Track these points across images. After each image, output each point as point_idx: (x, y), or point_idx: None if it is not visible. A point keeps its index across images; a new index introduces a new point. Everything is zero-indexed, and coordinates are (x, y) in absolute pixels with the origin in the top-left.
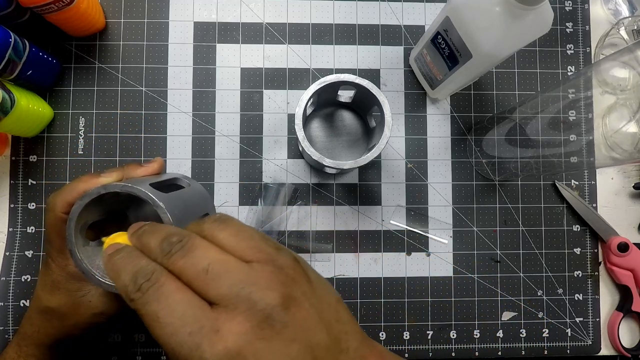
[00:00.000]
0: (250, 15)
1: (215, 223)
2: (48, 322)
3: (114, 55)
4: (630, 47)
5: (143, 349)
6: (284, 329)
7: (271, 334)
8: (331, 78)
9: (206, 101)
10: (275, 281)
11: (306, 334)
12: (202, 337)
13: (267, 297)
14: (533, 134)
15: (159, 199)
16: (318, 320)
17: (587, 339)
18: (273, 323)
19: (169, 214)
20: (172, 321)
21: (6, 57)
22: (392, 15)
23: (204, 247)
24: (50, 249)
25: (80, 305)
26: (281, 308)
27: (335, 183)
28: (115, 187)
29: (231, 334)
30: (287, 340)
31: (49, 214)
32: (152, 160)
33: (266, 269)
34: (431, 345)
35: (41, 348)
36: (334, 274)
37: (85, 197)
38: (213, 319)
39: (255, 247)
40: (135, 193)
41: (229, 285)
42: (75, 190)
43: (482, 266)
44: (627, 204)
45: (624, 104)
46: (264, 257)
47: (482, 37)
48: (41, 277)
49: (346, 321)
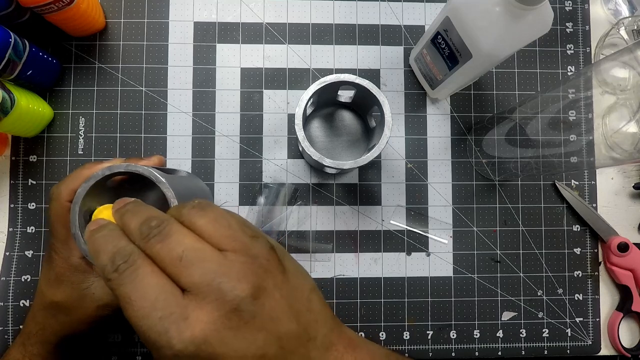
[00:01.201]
0: (250, 15)
1: (195, 209)
2: (53, 318)
3: (114, 55)
4: (630, 47)
5: (143, 349)
6: (252, 319)
7: (238, 324)
8: (331, 78)
9: (206, 101)
10: (247, 272)
11: (274, 323)
12: (170, 322)
13: (237, 289)
14: (533, 134)
15: (162, 177)
16: (288, 310)
17: (587, 339)
18: (241, 313)
19: (172, 190)
20: (144, 305)
21: (6, 57)
22: (392, 15)
23: (181, 233)
24: (53, 241)
25: (85, 298)
26: (250, 299)
27: (335, 183)
28: (119, 167)
29: (199, 322)
30: (254, 330)
31: (53, 203)
32: (152, 156)
33: (239, 259)
34: (431, 345)
35: (47, 346)
36: (334, 274)
37: (90, 179)
38: (183, 306)
39: (231, 236)
40: (139, 172)
41: (200, 274)
42: (81, 177)
43: (482, 266)
44: (627, 204)
45: (624, 104)
46: (239, 247)
47: (482, 37)
48: (44, 273)
49: (317, 310)
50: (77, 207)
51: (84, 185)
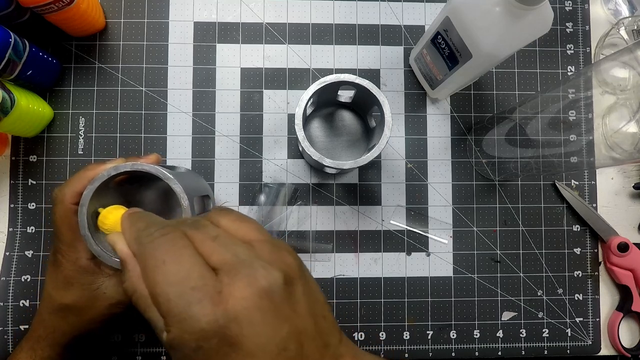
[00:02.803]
0: (250, 15)
1: (217, 210)
2: (63, 320)
3: (114, 55)
4: (630, 47)
5: (143, 349)
6: (280, 304)
7: (269, 306)
8: (331, 78)
9: (206, 101)
10: (276, 259)
11: (299, 318)
12: (204, 294)
13: (269, 271)
14: (533, 134)
15: (170, 174)
16: (308, 310)
17: (587, 339)
18: (273, 296)
19: (180, 185)
20: (177, 270)
21: (6, 57)
22: (392, 15)
23: (213, 226)
24: (59, 245)
25: (97, 298)
26: (282, 284)
27: (335, 183)
28: (125, 166)
29: (232, 297)
30: (281, 319)
31: (58, 206)
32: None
33: (267, 247)
34: (431, 345)
35: (56, 348)
36: (334, 274)
37: (96, 180)
38: (217, 280)
39: (256, 230)
40: (146, 170)
41: (233, 254)
42: (84, 178)
43: (482, 266)
44: (627, 204)
45: (624, 104)
46: (264, 238)
47: (482, 37)
48: (51, 276)
49: (330, 320)
50: (85, 208)
51: (90, 186)
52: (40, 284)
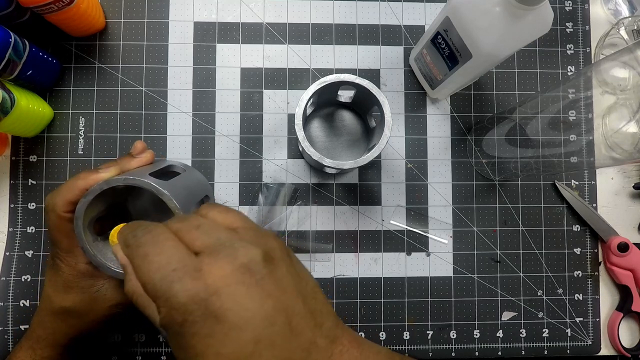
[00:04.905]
0: (250, 15)
1: (206, 205)
2: (64, 322)
3: (114, 55)
4: (630, 47)
5: (143, 349)
6: (262, 280)
7: (250, 281)
8: (331, 78)
9: (206, 101)
10: (257, 241)
11: (283, 294)
12: (184, 273)
13: (249, 249)
14: (533, 134)
15: (163, 187)
16: (294, 287)
17: (587, 339)
18: (252, 272)
19: (174, 200)
20: (159, 259)
21: (6, 57)
22: (392, 15)
23: (197, 216)
24: (57, 250)
25: (97, 301)
26: (262, 261)
27: (335, 183)
28: (117, 180)
29: (211, 274)
30: (265, 294)
31: (50, 214)
32: (143, 152)
33: (249, 232)
34: (431, 345)
35: (57, 348)
36: (334, 274)
37: (89, 194)
38: (197, 261)
39: (242, 219)
40: (139, 185)
41: (215, 238)
42: (76, 187)
43: (482, 266)
44: (627, 204)
45: (624, 104)
46: (249, 225)
47: (482, 37)
48: (50, 279)
49: (323, 302)
50: (80, 222)
51: (83, 200)
52: (40, 284)
